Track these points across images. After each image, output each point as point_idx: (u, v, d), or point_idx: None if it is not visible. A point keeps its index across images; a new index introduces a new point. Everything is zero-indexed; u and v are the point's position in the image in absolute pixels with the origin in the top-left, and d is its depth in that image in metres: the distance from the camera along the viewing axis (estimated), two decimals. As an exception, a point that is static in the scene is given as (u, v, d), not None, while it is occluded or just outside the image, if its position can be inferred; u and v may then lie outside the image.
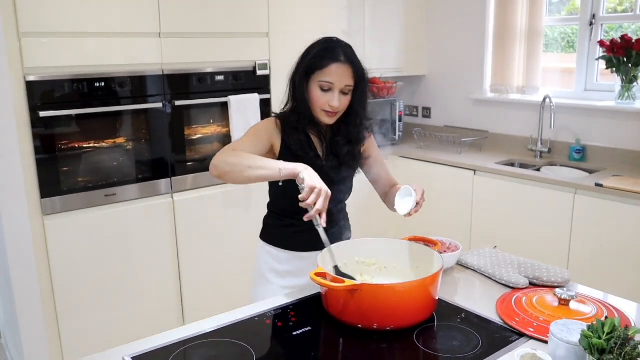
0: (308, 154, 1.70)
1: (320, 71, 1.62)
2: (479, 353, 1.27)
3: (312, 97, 1.65)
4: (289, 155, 1.68)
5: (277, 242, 1.81)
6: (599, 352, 1.07)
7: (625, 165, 3.28)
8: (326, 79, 1.62)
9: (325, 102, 1.64)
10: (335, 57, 1.62)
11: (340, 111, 1.68)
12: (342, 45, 1.66)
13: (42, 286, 2.55)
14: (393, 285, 1.35)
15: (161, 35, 2.74)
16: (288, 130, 1.70)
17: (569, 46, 3.82)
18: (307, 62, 1.65)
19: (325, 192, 1.46)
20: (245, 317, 1.44)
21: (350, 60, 1.64)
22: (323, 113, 1.66)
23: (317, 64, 1.63)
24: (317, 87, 1.63)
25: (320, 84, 1.63)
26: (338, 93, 1.63)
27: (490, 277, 1.69)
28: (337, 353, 1.34)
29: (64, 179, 2.58)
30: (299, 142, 1.69)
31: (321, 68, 1.62)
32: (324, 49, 1.65)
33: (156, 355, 1.26)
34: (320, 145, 1.75)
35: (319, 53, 1.64)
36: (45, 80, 2.46)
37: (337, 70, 1.62)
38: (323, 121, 1.69)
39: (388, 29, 4.00)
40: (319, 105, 1.65)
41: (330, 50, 1.64)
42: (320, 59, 1.63)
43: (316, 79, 1.63)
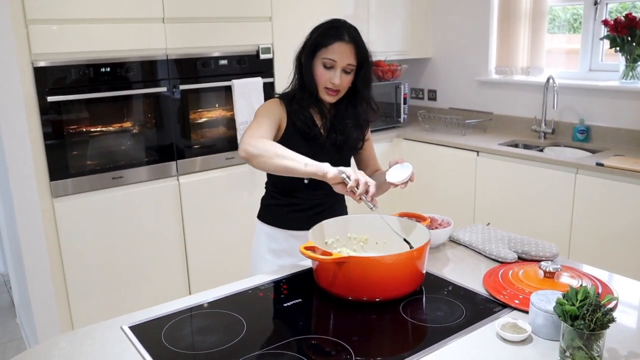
0: (313, 130, 1.77)
1: (325, 49, 1.69)
2: (462, 322, 1.32)
3: (316, 73, 1.72)
4: (294, 133, 1.76)
5: (274, 221, 1.87)
6: (571, 319, 1.11)
7: (629, 145, 3.28)
8: (329, 56, 1.68)
9: (327, 79, 1.70)
10: (339, 35, 1.69)
11: (341, 89, 1.74)
12: (347, 26, 1.72)
13: (53, 266, 2.64)
14: (379, 257, 1.40)
15: (165, 21, 2.79)
16: (293, 108, 1.76)
17: (580, 27, 3.80)
18: (313, 40, 1.72)
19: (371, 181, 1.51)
20: (239, 290, 1.50)
21: (354, 40, 1.70)
22: (325, 91, 1.73)
23: (321, 42, 1.70)
24: (321, 64, 1.70)
25: (324, 61, 1.69)
26: (340, 71, 1.70)
27: (481, 252, 1.73)
28: (326, 323, 1.40)
29: (73, 162, 2.65)
30: (304, 119, 1.76)
31: (325, 46, 1.69)
32: (329, 28, 1.72)
33: (151, 325, 1.33)
34: (322, 123, 1.80)
35: (324, 32, 1.72)
36: (52, 66, 2.53)
37: (340, 48, 1.68)
38: (325, 99, 1.76)
39: (393, 12, 4.01)
40: (321, 82, 1.71)
41: (335, 29, 1.71)
42: (325, 37, 1.70)
43: (320, 56, 1.70)
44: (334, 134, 1.80)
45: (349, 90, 1.77)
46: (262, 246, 1.89)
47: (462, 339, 1.25)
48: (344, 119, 1.81)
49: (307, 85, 1.75)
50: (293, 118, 1.76)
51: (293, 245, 1.81)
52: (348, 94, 1.78)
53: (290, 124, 1.76)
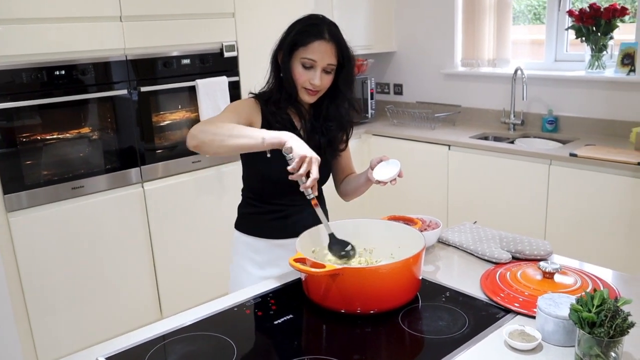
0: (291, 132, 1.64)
1: (303, 48, 1.58)
2: (467, 332, 1.24)
3: (295, 74, 1.61)
4: None
5: (254, 230, 1.74)
6: (589, 326, 1.05)
7: (597, 134, 3.30)
8: (308, 56, 1.57)
9: (306, 80, 1.60)
10: (319, 34, 1.57)
11: (321, 90, 1.64)
12: (327, 23, 1.61)
13: (11, 286, 2.45)
14: (375, 267, 1.31)
15: (122, 19, 2.62)
16: (269, 109, 1.66)
17: (535, 18, 3.81)
18: (290, 38, 1.60)
19: (316, 158, 1.40)
20: (224, 308, 1.39)
21: (335, 38, 1.59)
22: (304, 91, 1.63)
23: (300, 41, 1.58)
24: (299, 64, 1.59)
25: (303, 60, 1.58)
26: (320, 71, 1.59)
27: (473, 253, 1.66)
28: (321, 340, 1.30)
29: (28, 173, 2.47)
30: (281, 120, 1.65)
31: (304, 45, 1.57)
32: (308, 25, 1.60)
33: (131, 354, 1.20)
34: (301, 125, 1.70)
35: (303, 29, 1.60)
36: (1, 70, 2.34)
37: (320, 47, 1.57)
38: (303, 99, 1.65)
39: (356, 5, 3.93)
40: (300, 82, 1.61)
41: (314, 26, 1.59)
42: (303, 35, 1.58)
43: (298, 55, 1.59)
44: (315, 136, 1.70)
45: (330, 90, 1.67)
46: (243, 258, 1.76)
47: (469, 351, 1.18)
48: (327, 120, 1.71)
49: (284, 86, 1.64)
50: (270, 120, 1.65)
51: (277, 255, 1.71)
52: (329, 93, 1.68)
53: (266, 125, 1.64)
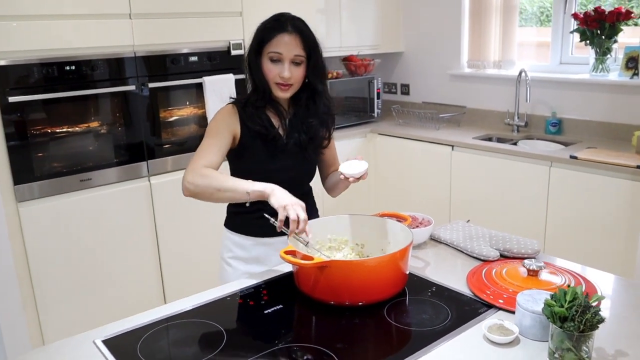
0: (271, 132, 1.70)
1: (269, 43, 1.64)
2: (448, 325, 1.29)
3: (265, 70, 1.66)
4: (252, 137, 1.69)
5: (241, 228, 1.79)
6: (560, 320, 1.09)
7: (600, 137, 3.32)
8: (274, 50, 1.63)
9: (276, 74, 1.64)
10: (282, 27, 1.64)
11: (294, 83, 1.67)
12: (290, 18, 1.67)
13: (20, 274, 2.53)
14: (362, 260, 1.36)
15: (132, 16, 2.69)
16: (248, 112, 1.70)
17: (547, 20, 3.83)
18: (257, 37, 1.67)
19: (298, 204, 1.48)
20: (216, 297, 1.45)
21: (299, 30, 1.65)
22: (276, 86, 1.67)
23: (265, 37, 1.64)
24: (268, 60, 1.65)
25: (270, 55, 1.64)
26: (288, 63, 1.64)
27: (462, 251, 1.71)
28: (307, 329, 1.36)
29: (38, 165, 2.55)
30: (260, 122, 1.69)
31: (269, 40, 1.64)
32: (272, 22, 1.67)
33: (126, 338, 1.26)
34: (280, 124, 1.74)
35: (267, 26, 1.67)
36: (13, 65, 2.42)
37: (284, 39, 1.63)
38: (278, 95, 1.69)
39: (364, 6, 3.98)
40: (270, 77, 1.66)
41: (277, 21, 1.66)
42: (268, 31, 1.65)
43: (266, 51, 1.65)
44: (296, 134, 1.74)
45: (305, 86, 1.72)
46: (229, 254, 1.82)
47: (448, 343, 1.22)
48: (307, 117, 1.74)
49: (258, 85, 1.69)
50: (248, 122, 1.69)
51: (263, 253, 1.77)
52: (305, 89, 1.72)
53: (246, 129, 1.70)
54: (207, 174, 1.57)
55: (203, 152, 1.64)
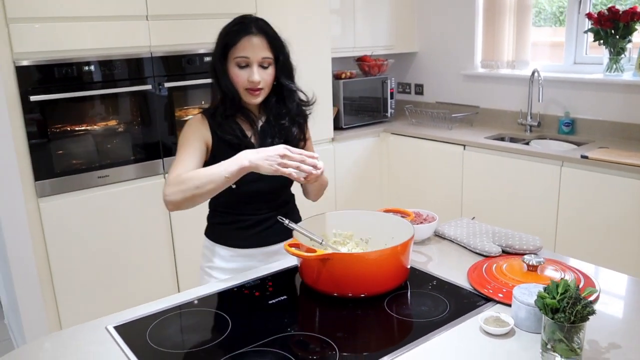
0: (243, 142, 1.64)
1: (234, 47, 1.57)
2: (445, 317, 1.33)
3: (232, 77, 1.60)
4: (224, 147, 1.62)
5: (221, 239, 1.75)
6: (552, 312, 1.12)
7: (613, 137, 3.31)
8: (241, 54, 1.57)
9: (245, 80, 1.59)
10: (246, 30, 1.58)
11: (265, 87, 1.62)
12: (253, 20, 1.62)
13: (40, 266, 2.63)
14: (363, 253, 1.40)
15: (148, 18, 2.77)
16: (217, 122, 1.64)
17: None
18: (221, 42, 1.61)
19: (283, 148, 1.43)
20: (224, 288, 1.51)
21: (263, 31, 1.60)
22: (246, 92, 1.61)
23: (230, 42, 1.58)
24: (235, 65, 1.59)
25: (237, 60, 1.58)
26: (257, 67, 1.58)
27: (466, 247, 1.74)
28: (310, 319, 1.40)
29: (58, 162, 2.63)
30: (230, 131, 1.64)
31: (234, 44, 1.57)
32: (235, 25, 1.60)
33: (136, 325, 1.32)
34: (252, 131, 1.68)
35: (230, 30, 1.60)
36: (35, 65, 2.51)
37: (250, 42, 1.57)
38: (248, 101, 1.64)
39: (378, 6, 4.01)
40: (240, 83, 1.60)
41: (240, 24, 1.60)
42: (232, 35, 1.59)
43: (232, 56, 1.59)
44: (269, 140, 1.68)
45: (274, 89, 1.67)
46: (209, 264, 1.78)
47: (445, 334, 1.26)
48: (279, 120, 1.70)
49: (227, 93, 1.62)
50: (219, 132, 1.63)
51: (242, 265, 1.73)
52: (274, 93, 1.68)
53: (217, 139, 1.64)
54: (180, 180, 1.49)
55: (178, 164, 1.56)
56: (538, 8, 3.83)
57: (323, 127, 3.61)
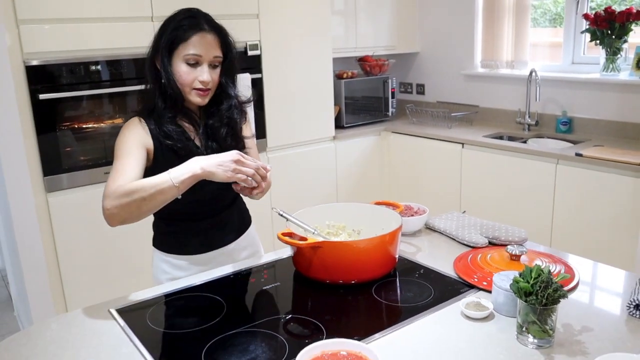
0: (187, 145, 1.54)
1: (184, 43, 1.46)
2: (429, 302, 1.40)
3: (179, 75, 1.48)
4: (166, 152, 1.52)
5: (172, 248, 1.67)
6: (525, 295, 1.19)
7: (609, 135, 3.36)
8: (192, 52, 1.46)
9: (193, 79, 1.48)
10: (199, 26, 1.47)
11: (212, 88, 1.54)
12: (202, 14, 1.51)
13: (48, 259, 2.72)
14: (352, 241, 1.48)
15: (153, 19, 2.86)
16: (157, 124, 1.51)
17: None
18: (168, 36, 1.47)
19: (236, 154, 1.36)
20: (222, 275, 1.59)
21: (216, 28, 1.50)
22: (194, 92, 1.50)
23: (179, 37, 1.46)
24: (183, 63, 1.47)
25: (186, 57, 1.47)
26: (207, 66, 1.49)
27: (454, 238, 1.81)
28: (300, 303, 1.47)
29: (65, 158, 2.73)
30: (174, 133, 1.51)
31: (185, 40, 1.46)
32: (184, 19, 1.48)
33: (137, 308, 1.41)
34: (195, 133, 1.58)
35: (179, 24, 1.47)
36: (44, 65, 2.60)
37: (202, 40, 1.47)
38: (195, 102, 1.52)
39: (380, 7, 4.09)
40: (187, 83, 1.48)
41: (191, 19, 1.48)
42: (181, 30, 1.46)
43: (180, 53, 1.47)
44: (211, 142, 1.58)
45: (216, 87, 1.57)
46: (167, 276, 1.68)
47: (428, 317, 1.33)
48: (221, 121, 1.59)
49: (169, 92, 1.49)
50: (160, 137, 1.51)
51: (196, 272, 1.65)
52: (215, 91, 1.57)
53: (158, 144, 1.51)
54: (123, 192, 1.35)
55: (118, 174, 1.40)
56: (543, 9, 3.88)
57: (324, 125, 3.68)
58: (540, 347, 1.19)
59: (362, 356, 1.07)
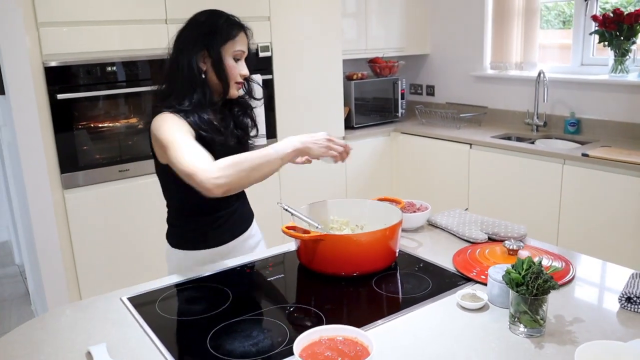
0: (224, 134, 1.64)
1: (232, 41, 1.59)
2: (427, 293, 1.45)
3: (229, 69, 1.60)
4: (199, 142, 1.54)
5: (193, 244, 1.74)
6: (517, 285, 1.24)
7: (617, 136, 3.38)
8: (239, 48, 1.60)
9: (237, 73, 1.62)
10: (240, 25, 1.62)
11: None
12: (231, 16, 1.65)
13: (64, 254, 2.81)
14: (353, 235, 1.54)
15: (167, 22, 2.94)
16: (195, 119, 1.57)
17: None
18: (221, 34, 1.58)
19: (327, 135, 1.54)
20: (229, 267, 1.65)
21: (245, 28, 1.65)
22: (235, 85, 1.64)
23: (230, 34, 1.59)
24: (230, 58, 1.60)
25: (235, 53, 1.60)
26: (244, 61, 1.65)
27: (455, 234, 1.86)
28: (302, 294, 1.53)
29: (82, 156, 2.82)
30: (213, 127, 1.61)
31: (233, 38, 1.59)
32: (226, 18, 1.62)
33: (147, 296, 1.48)
34: (222, 125, 1.67)
35: (226, 23, 1.60)
36: (62, 66, 2.70)
37: (243, 38, 1.62)
38: (233, 95, 1.66)
39: (391, 9, 4.14)
40: (233, 77, 1.61)
41: (232, 18, 1.63)
42: (230, 28, 1.59)
43: (229, 50, 1.59)
44: (235, 130, 1.71)
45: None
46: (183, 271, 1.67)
47: (424, 308, 1.38)
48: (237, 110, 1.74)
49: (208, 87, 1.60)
50: (200, 130, 1.57)
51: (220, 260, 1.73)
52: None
53: (197, 136, 1.56)
54: (229, 163, 1.41)
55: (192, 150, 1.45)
56: (557, 11, 3.90)
57: (334, 126, 3.74)
58: (531, 336, 1.23)
59: (357, 341, 1.12)
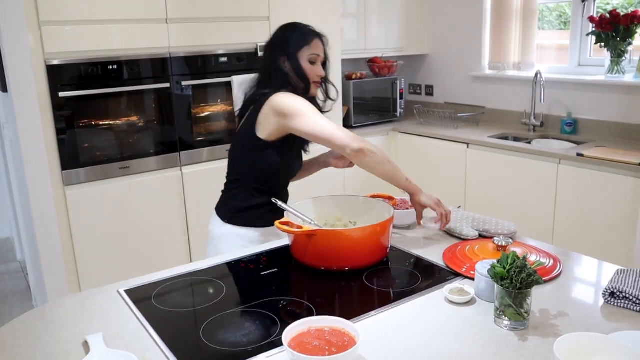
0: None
1: (308, 47, 1.87)
2: (415, 288, 1.49)
3: (306, 70, 1.87)
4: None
5: (254, 222, 1.90)
6: (501, 279, 1.28)
7: (613, 137, 3.41)
8: (315, 52, 1.88)
9: (314, 74, 1.89)
10: (315, 32, 1.90)
11: None
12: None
13: (65, 250, 2.85)
14: (345, 230, 1.57)
15: (168, 21, 2.98)
16: None
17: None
18: (296, 42, 1.87)
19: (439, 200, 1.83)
20: (223, 262, 1.69)
21: (321, 36, 1.93)
22: (314, 85, 1.91)
23: (307, 40, 1.87)
24: (307, 61, 1.87)
25: (311, 57, 1.87)
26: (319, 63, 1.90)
27: (447, 231, 1.89)
28: (295, 287, 1.58)
29: (83, 153, 2.86)
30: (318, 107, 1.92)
31: (309, 43, 1.87)
32: (302, 28, 1.90)
33: (143, 289, 1.52)
34: None
35: (302, 31, 1.89)
36: (64, 64, 2.74)
37: (318, 44, 1.89)
38: (313, 93, 1.93)
39: (390, 9, 4.18)
40: (311, 77, 1.89)
41: (307, 27, 1.91)
42: (307, 35, 1.88)
43: (307, 54, 1.86)
44: None
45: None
46: (232, 248, 1.85)
47: (413, 302, 1.42)
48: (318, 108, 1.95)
49: (295, 85, 1.86)
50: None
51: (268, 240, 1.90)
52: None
53: None
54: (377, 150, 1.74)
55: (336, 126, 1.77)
56: (559, 12, 3.93)
57: (333, 125, 3.78)
58: (515, 329, 1.27)
59: (344, 332, 1.16)
